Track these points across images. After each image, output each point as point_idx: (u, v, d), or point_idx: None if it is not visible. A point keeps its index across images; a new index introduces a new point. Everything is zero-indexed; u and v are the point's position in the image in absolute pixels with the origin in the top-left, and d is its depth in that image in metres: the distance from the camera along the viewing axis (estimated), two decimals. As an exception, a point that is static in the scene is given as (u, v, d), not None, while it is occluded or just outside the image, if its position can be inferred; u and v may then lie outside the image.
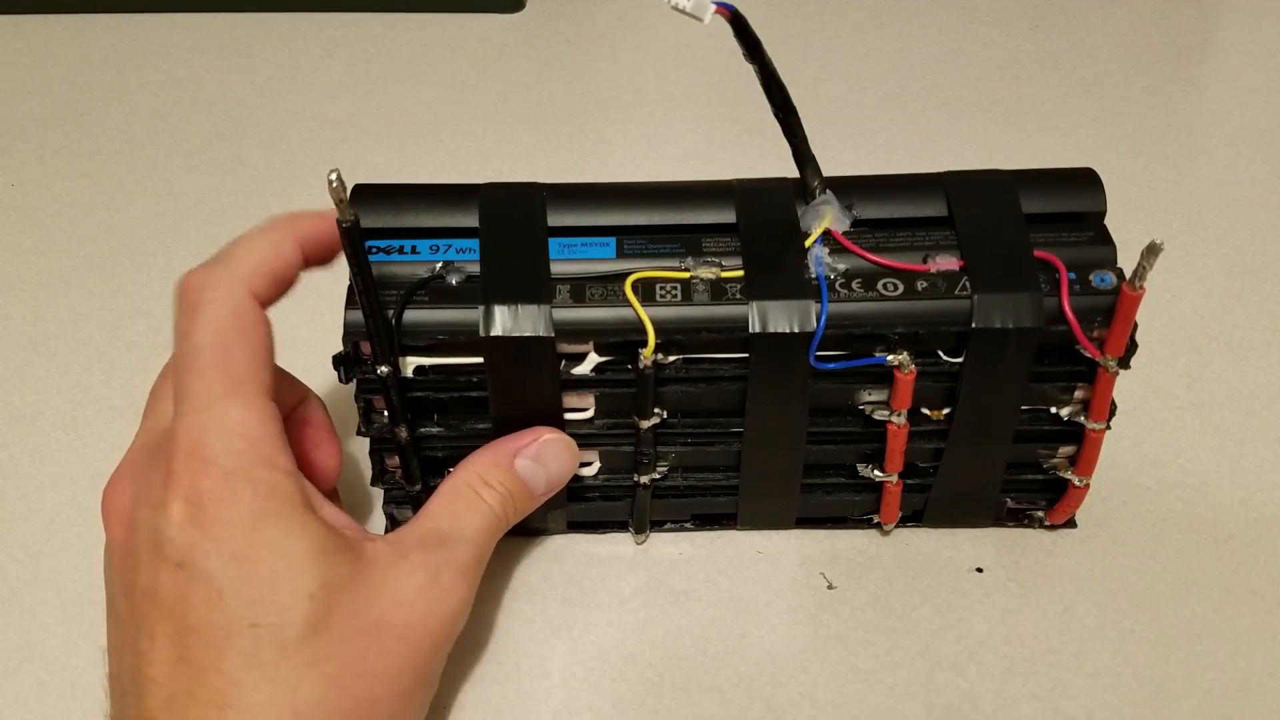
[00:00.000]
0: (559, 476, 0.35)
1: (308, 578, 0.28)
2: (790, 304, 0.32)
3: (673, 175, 0.49)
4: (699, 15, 0.28)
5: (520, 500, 0.34)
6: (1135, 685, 0.34)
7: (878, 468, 0.36)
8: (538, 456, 0.34)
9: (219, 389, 0.29)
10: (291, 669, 0.27)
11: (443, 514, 0.33)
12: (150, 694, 0.27)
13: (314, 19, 0.69)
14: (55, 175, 0.57)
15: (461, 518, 0.33)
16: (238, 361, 0.29)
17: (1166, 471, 0.41)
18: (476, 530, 0.33)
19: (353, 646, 0.28)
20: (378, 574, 0.30)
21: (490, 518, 0.33)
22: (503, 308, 0.32)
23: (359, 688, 0.28)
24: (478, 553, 0.33)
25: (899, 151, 0.58)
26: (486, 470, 0.33)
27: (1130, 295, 0.31)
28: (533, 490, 0.34)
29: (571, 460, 0.35)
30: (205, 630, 0.27)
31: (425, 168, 0.57)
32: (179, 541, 0.28)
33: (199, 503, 0.28)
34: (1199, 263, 0.50)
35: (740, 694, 0.34)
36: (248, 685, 0.27)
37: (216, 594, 0.27)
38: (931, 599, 0.37)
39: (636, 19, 0.69)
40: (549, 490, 0.35)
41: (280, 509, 0.28)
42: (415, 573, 0.30)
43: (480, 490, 0.33)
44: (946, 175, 0.35)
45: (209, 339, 0.29)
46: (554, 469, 0.34)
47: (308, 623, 0.28)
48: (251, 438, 0.29)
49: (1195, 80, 0.64)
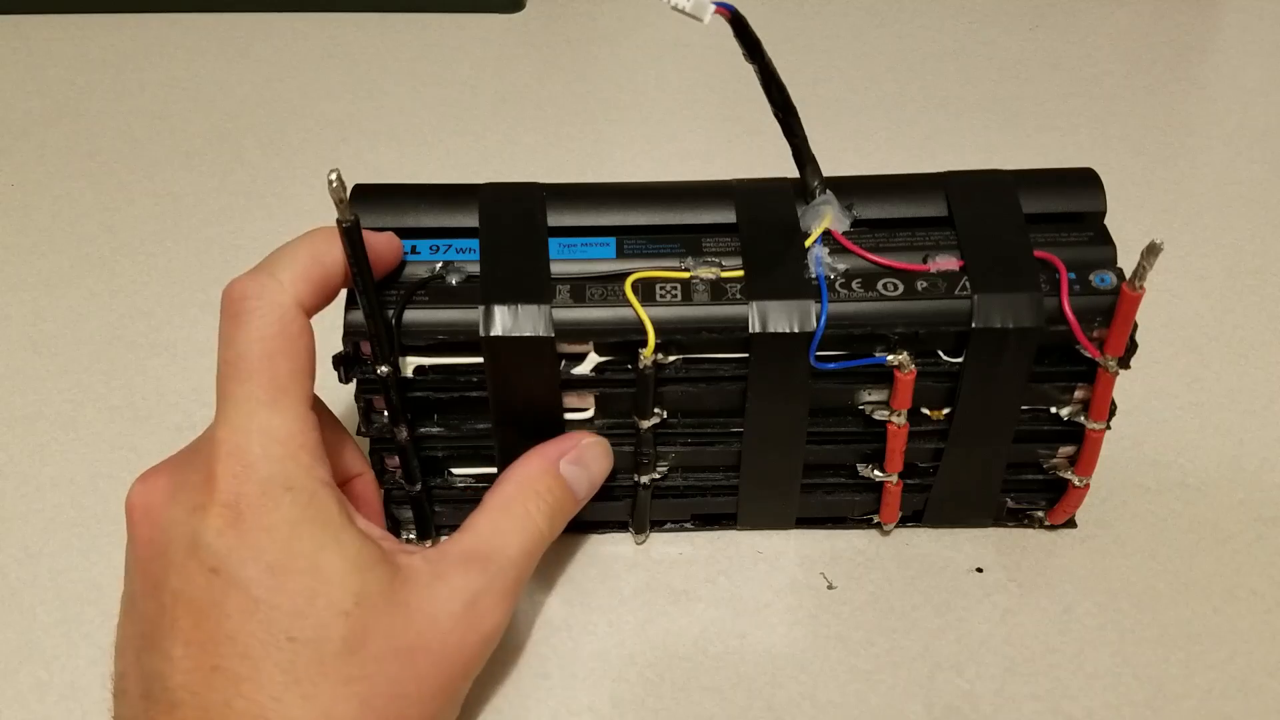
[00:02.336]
0: (598, 478, 0.35)
1: (344, 593, 0.28)
2: (790, 304, 0.32)
3: (673, 175, 0.49)
4: (699, 15, 0.28)
5: (566, 507, 0.34)
6: (1135, 685, 0.34)
7: (878, 468, 0.36)
8: (579, 460, 0.34)
9: (262, 395, 0.29)
10: (328, 686, 0.27)
11: (488, 531, 0.32)
12: (184, 703, 0.27)
13: (314, 19, 0.69)
14: (55, 175, 0.57)
15: (507, 536, 0.32)
16: (281, 369, 0.29)
17: (1166, 471, 0.41)
18: (520, 550, 0.32)
19: (387, 668, 0.28)
20: (414, 594, 0.29)
21: (536, 536, 0.33)
22: (503, 308, 0.32)
23: (391, 710, 0.28)
24: (519, 574, 0.32)
25: (899, 151, 0.58)
26: (536, 478, 0.33)
27: (1130, 295, 0.31)
28: (576, 494, 0.34)
29: (608, 462, 0.35)
30: (241, 640, 0.27)
31: (425, 168, 0.57)
32: (216, 547, 0.27)
33: (238, 509, 0.28)
34: (1199, 263, 0.50)
35: (740, 694, 0.34)
36: (285, 700, 0.27)
37: (253, 604, 0.27)
38: (931, 599, 0.37)
39: (636, 19, 0.69)
40: (590, 494, 0.35)
41: (317, 518, 0.28)
42: (453, 598, 0.30)
43: (529, 503, 0.33)
44: (946, 175, 0.35)
45: (254, 346, 0.29)
46: (595, 470, 0.34)
47: (344, 640, 0.27)
48: (292, 445, 0.29)
49: (1195, 80, 0.64)
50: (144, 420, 0.43)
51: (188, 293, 0.49)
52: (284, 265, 0.30)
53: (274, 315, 0.30)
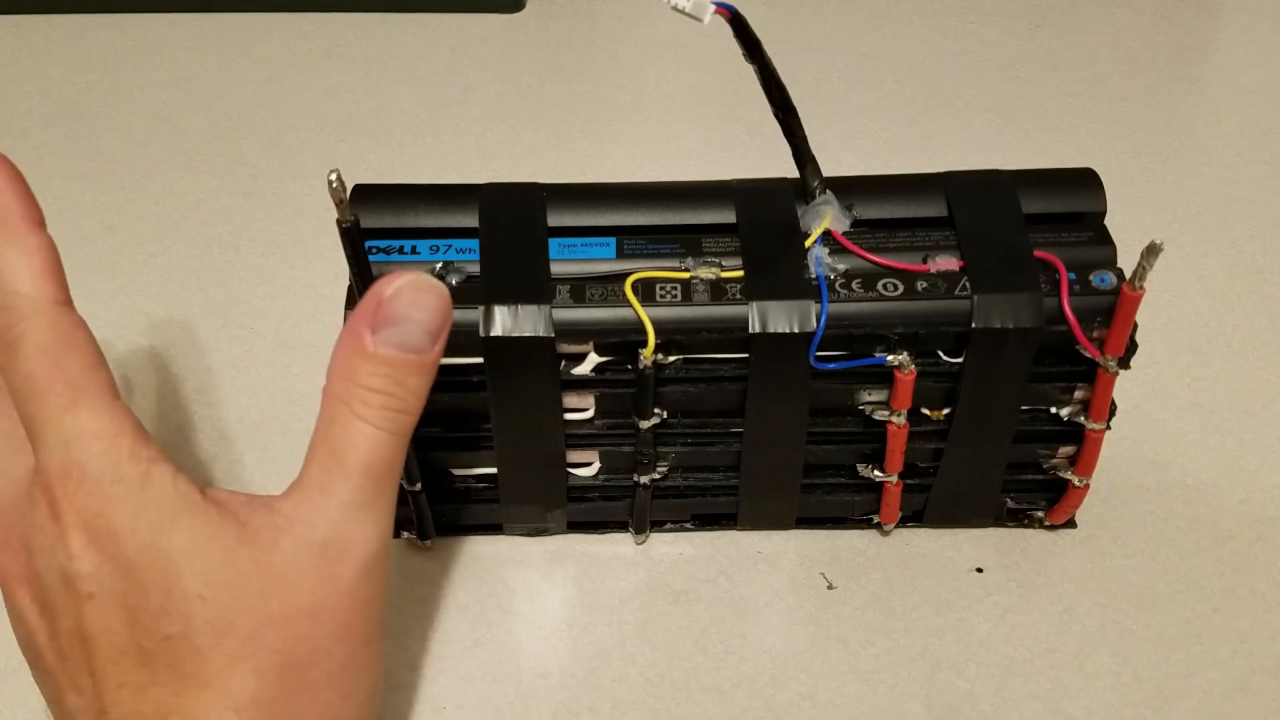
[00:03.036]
0: (434, 320, 0.28)
1: (192, 577, 0.27)
2: (790, 304, 0.32)
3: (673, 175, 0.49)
4: (699, 15, 0.28)
5: (413, 377, 0.28)
6: (1135, 685, 0.34)
7: (878, 468, 0.36)
8: (390, 318, 0.28)
9: (64, 402, 0.27)
10: (215, 672, 0.27)
11: (321, 455, 0.28)
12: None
13: (314, 19, 0.69)
14: (55, 175, 0.57)
15: (341, 454, 0.28)
16: (71, 371, 0.28)
17: (1166, 471, 0.41)
18: (361, 466, 0.28)
19: (265, 641, 0.27)
20: (264, 555, 0.27)
21: (373, 440, 0.28)
22: (503, 308, 0.32)
23: (289, 676, 0.27)
24: (371, 491, 0.28)
25: (899, 151, 0.58)
26: (353, 370, 0.28)
27: (1130, 295, 0.31)
28: (413, 357, 0.28)
29: (437, 299, 0.28)
30: (133, 652, 0.27)
31: (425, 168, 0.57)
32: (85, 571, 0.27)
33: (88, 523, 0.27)
34: (1199, 263, 0.50)
35: (740, 694, 0.34)
36: (186, 694, 0.27)
37: (130, 613, 0.27)
38: (931, 599, 0.37)
39: (636, 19, 0.69)
40: (434, 343, 0.29)
41: (150, 501, 0.27)
42: (302, 549, 0.27)
43: (356, 404, 0.28)
44: (946, 175, 0.35)
45: (34, 362, 0.28)
46: (422, 315, 0.28)
47: (209, 624, 0.27)
48: (108, 436, 0.27)
49: (1195, 80, 0.64)
50: (144, 420, 0.43)
51: (188, 293, 0.49)
52: (10, 274, 0.28)
53: (42, 324, 0.28)
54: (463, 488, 0.37)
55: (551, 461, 0.36)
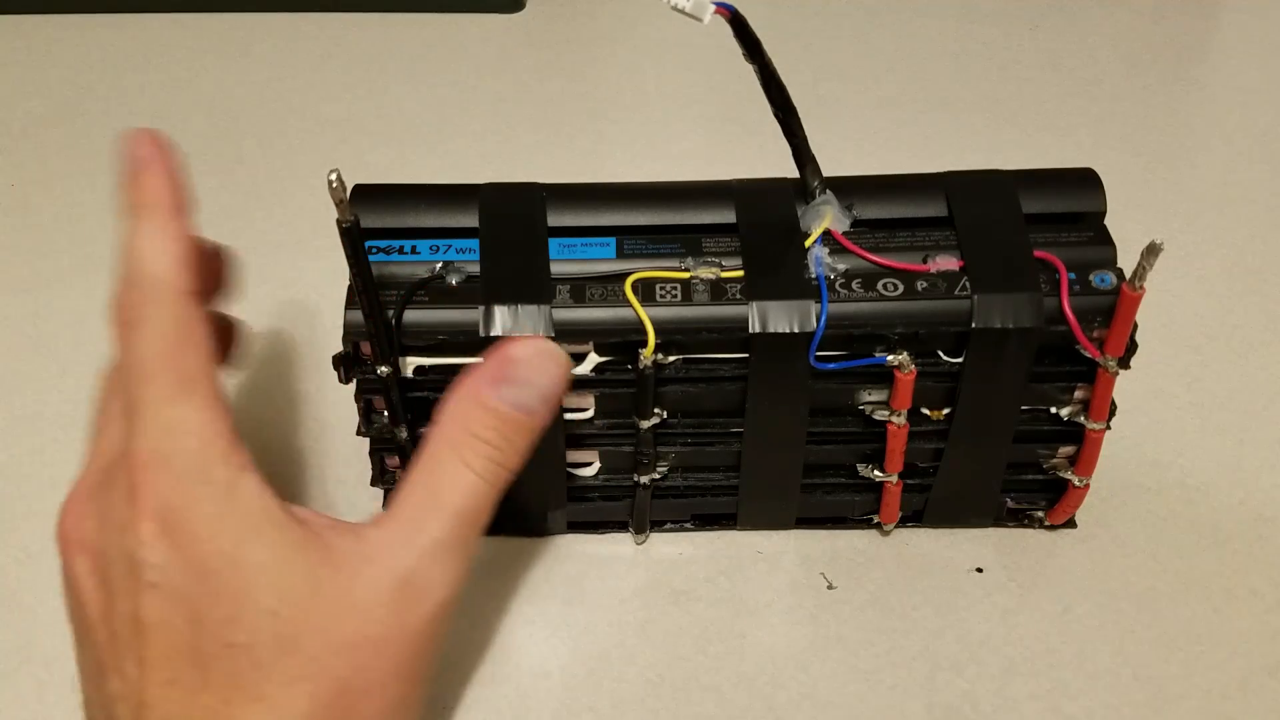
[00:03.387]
0: (552, 390, 0.30)
1: (269, 592, 0.27)
2: (790, 304, 0.32)
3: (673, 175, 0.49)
4: (699, 15, 0.28)
5: (515, 440, 0.30)
6: (1135, 685, 0.34)
7: (878, 468, 0.36)
8: (511, 378, 0.30)
9: (169, 392, 0.28)
10: (273, 689, 0.27)
11: (419, 495, 0.29)
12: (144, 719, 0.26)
13: (314, 19, 0.69)
14: (55, 175, 0.57)
15: (439, 497, 0.29)
16: (187, 362, 0.28)
17: (1166, 471, 0.41)
18: (456, 511, 0.29)
19: (327, 665, 0.27)
20: (344, 581, 0.28)
21: (473, 489, 0.29)
22: (503, 308, 0.32)
23: (343, 703, 0.28)
24: (460, 537, 0.29)
25: (899, 151, 0.58)
26: (465, 418, 0.29)
27: (1130, 295, 0.31)
28: (526, 419, 0.30)
29: (559, 368, 0.30)
30: (189, 652, 0.27)
31: (425, 168, 0.57)
32: (151, 561, 0.27)
33: (164, 516, 0.27)
34: (1199, 263, 0.50)
35: (740, 694, 0.34)
36: (236, 703, 0.27)
37: (194, 614, 0.27)
38: (931, 599, 0.37)
39: (636, 19, 0.69)
40: (548, 407, 0.30)
41: (237, 510, 0.27)
42: (383, 580, 0.28)
43: (462, 451, 0.29)
44: (946, 175, 0.35)
45: (153, 347, 0.28)
46: (542, 381, 0.30)
47: (277, 641, 0.27)
48: (206, 435, 0.28)
49: (1195, 80, 0.64)
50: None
51: (188, 293, 0.49)
52: (151, 259, 0.29)
53: (168, 311, 0.28)
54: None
55: (551, 461, 0.36)
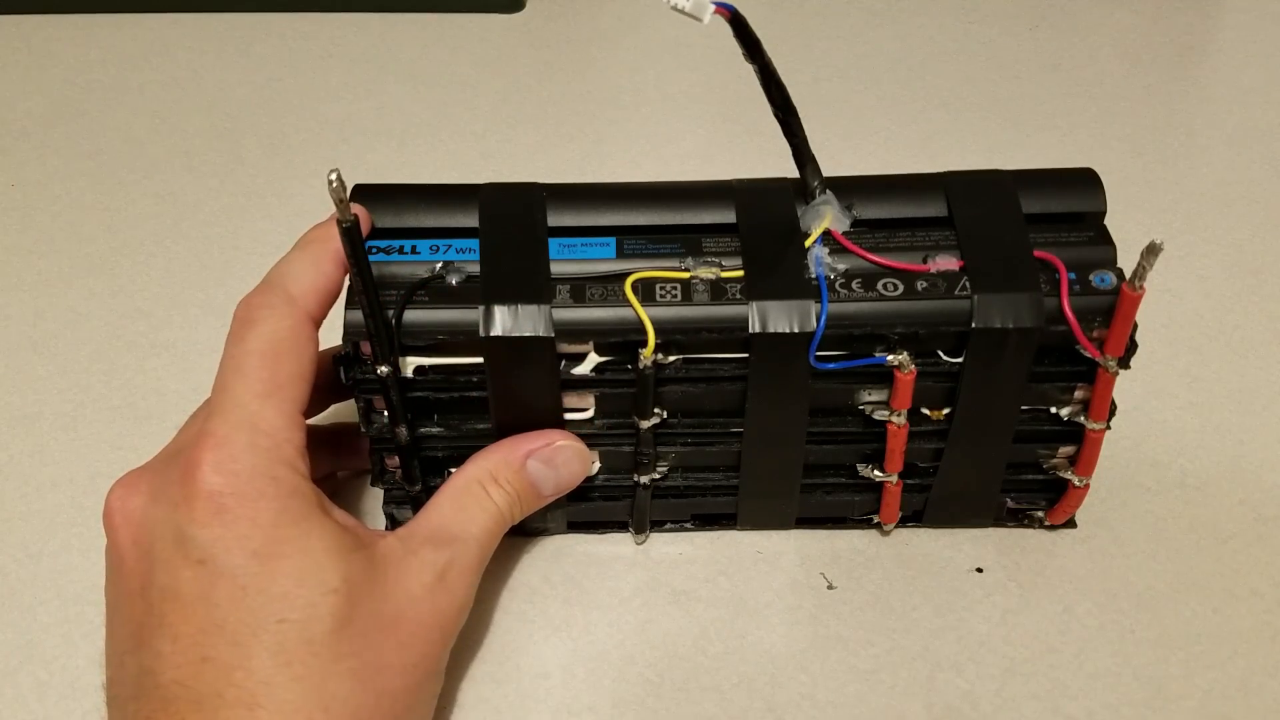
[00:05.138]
0: (568, 482, 0.35)
1: (330, 573, 0.29)
2: (790, 304, 0.32)
3: (673, 175, 0.49)
4: (699, 15, 0.28)
5: (527, 501, 0.35)
6: (1135, 685, 0.34)
7: (878, 468, 0.36)
8: (549, 460, 0.34)
9: (258, 389, 0.29)
10: (319, 665, 0.27)
11: (451, 511, 0.33)
12: (176, 698, 0.27)
13: (314, 19, 0.69)
14: (55, 175, 0.57)
15: (469, 516, 0.33)
16: (283, 369, 0.30)
17: (1166, 471, 0.41)
18: (482, 530, 0.33)
19: (373, 641, 0.29)
20: (391, 570, 0.30)
21: (496, 518, 0.34)
22: (503, 308, 0.32)
23: (379, 681, 0.29)
24: (481, 552, 0.33)
25: (899, 151, 0.58)
26: (498, 469, 0.34)
27: (1130, 295, 0.31)
28: (540, 492, 0.35)
29: (582, 468, 0.35)
30: (230, 628, 0.27)
31: (425, 168, 0.57)
32: (201, 538, 0.28)
33: (220, 499, 0.28)
34: (1199, 263, 0.50)
35: (740, 694, 0.34)
36: (276, 683, 0.27)
37: (240, 591, 0.27)
38: (931, 599, 0.37)
39: (636, 19, 0.69)
40: (556, 494, 0.35)
41: (299, 508, 0.29)
42: (425, 570, 0.31)
43: (489, 489, 0.34)
44: (946, 175, 0.35)
45: (260, 345, 0.30)
46: (564, 474, 0.35)
47: (334, 616, 0.28)
48: (278, 438, 0.29)
49: (1195, 80, 0.64)
50: (144, 420, 0.43)
51: (188, 293, 0.49)
52: (292, 278, 0.31)
53: (285, 323, 0.31)
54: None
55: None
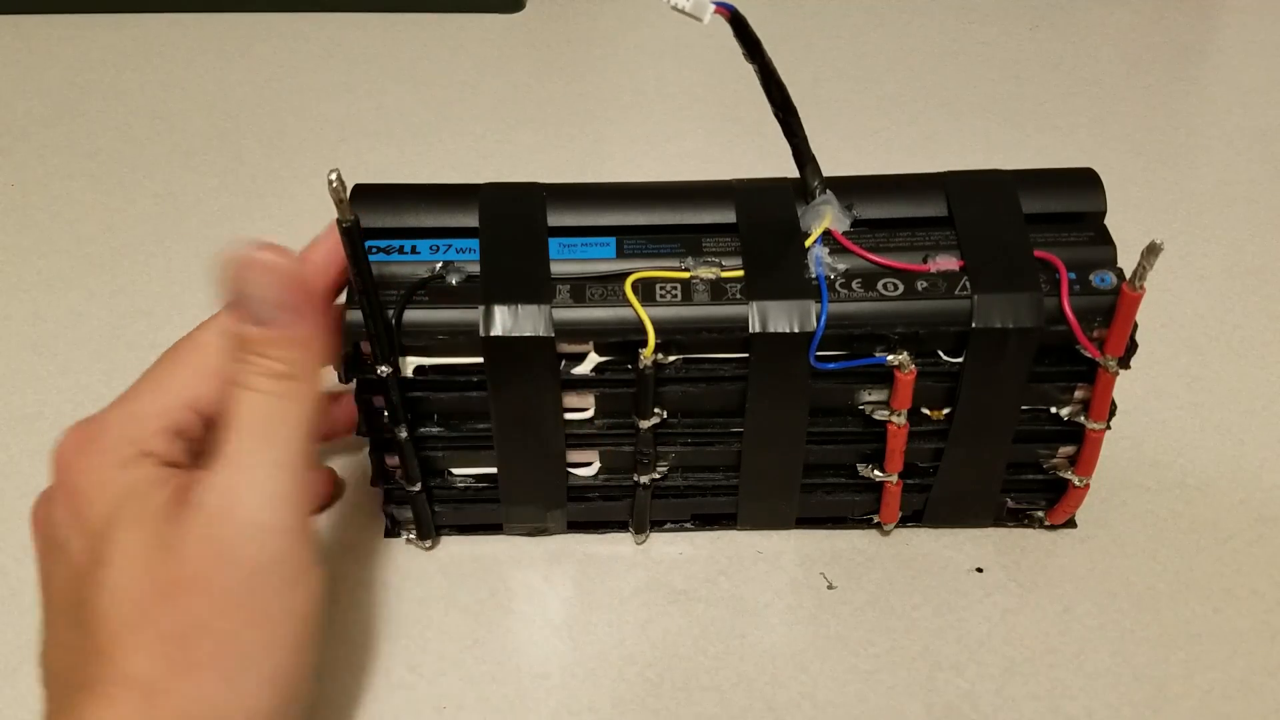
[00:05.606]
0: (276, 288, 0.29)
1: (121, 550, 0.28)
2: (790, 304, 0.32)
3: (673, 175, 0.49)
4: (699, 15, 0.28)
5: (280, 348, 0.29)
6: (1135, 685, 0.34)
7: (878, 468, 0.36)
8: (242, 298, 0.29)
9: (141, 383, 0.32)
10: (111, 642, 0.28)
11: (220, 430, 0.29)
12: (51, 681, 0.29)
13: (314, 19, 0.69)
14: (55, 175, 0.57)
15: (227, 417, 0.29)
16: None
17: (1166, 471, 0.41)
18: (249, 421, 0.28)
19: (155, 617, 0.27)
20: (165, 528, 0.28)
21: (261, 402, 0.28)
22: (503, 308, 0.32)
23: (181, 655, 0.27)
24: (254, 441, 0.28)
25: (899, 151, 0.58)
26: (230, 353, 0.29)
27: (1130, 295, 0.31)
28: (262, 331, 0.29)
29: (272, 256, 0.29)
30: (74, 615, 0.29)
31: (425, 168, 0.57)
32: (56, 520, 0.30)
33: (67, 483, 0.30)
34: (1199, 263, 0.50)
35: (740, 694, 0.34)
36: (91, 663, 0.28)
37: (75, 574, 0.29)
38: (931, 599, 0.37)
39: (636, 19, 0.69)
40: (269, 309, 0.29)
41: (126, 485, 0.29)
42: (190, 522, 0.28)
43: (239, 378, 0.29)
44: (946, 175, 0.35)
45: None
46: (262, 284, 0.29)
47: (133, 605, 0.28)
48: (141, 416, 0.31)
49: (1195, 80, 0.64)
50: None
51: (188, 293, 0.49)
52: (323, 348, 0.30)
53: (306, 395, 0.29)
54: (463, 488, 0.37)
55: (551, 461, 0.36)
